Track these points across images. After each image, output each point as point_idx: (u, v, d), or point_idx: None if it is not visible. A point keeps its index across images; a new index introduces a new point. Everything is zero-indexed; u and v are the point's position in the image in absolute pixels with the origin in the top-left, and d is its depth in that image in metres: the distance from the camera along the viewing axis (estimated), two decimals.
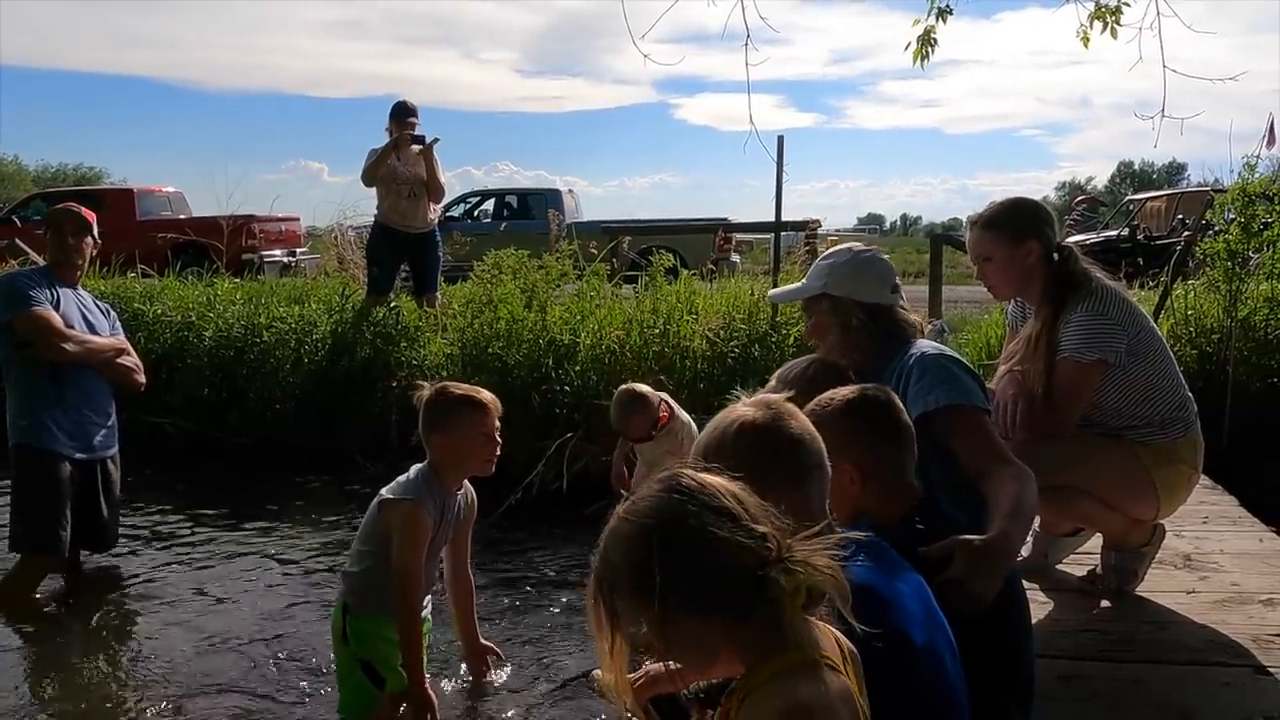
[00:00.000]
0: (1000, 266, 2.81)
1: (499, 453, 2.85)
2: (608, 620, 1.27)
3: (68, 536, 3.90)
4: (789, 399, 1.73)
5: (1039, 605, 2.78)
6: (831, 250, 2.62)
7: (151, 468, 6.20)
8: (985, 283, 2.90)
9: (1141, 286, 7.22)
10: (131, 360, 4.15)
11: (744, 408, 1.66)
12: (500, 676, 3.24)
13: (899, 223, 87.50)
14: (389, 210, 7.01)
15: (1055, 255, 2.78)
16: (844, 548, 1.33)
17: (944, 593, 1.71)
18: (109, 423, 4.10)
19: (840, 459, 1.85)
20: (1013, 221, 2.79)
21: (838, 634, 1.33)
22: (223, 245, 9.65)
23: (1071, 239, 6.01)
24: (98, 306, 4.20)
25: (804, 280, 2.65)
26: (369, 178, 6.96)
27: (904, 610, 1.55)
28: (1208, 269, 5.70)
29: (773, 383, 2.37)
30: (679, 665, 1.36)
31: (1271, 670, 2.42)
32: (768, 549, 1.22)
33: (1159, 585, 2.99)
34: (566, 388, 5.50)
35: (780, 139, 5.94)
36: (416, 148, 6.98)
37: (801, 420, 1.66)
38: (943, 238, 8.35)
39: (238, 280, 8.52)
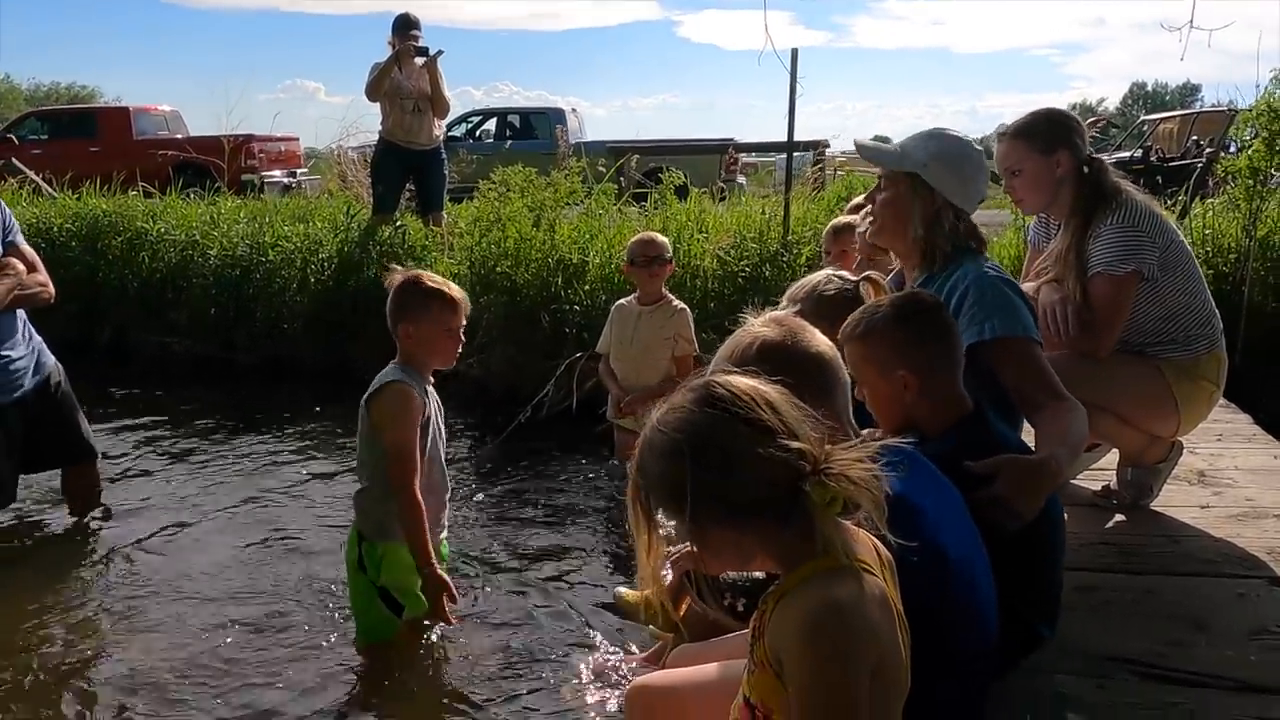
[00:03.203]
0: (1030, 178, 2.75)
1: (460, 351, 2.79)
2: (645, 523, 1.30)
3: (12, 482, 3.72)
4: (796, 314, 1.70)
5: None
6: (942, 131, 2.35)
7: (157, 386, 6.24)
8: (1014, 196, 2.84)
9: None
10: (40, 277, 3.63)
11: (759, 327, 1.61)
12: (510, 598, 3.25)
13: None
14: (393, 126, 6.89)
15: (1085, 168, 2.72)
16: (880, 456, 1.31)
17: (986, 507, 1.69)
18: (27, 350, 3.69)
19: (896, 366, 1.82)
20: (1043, 131, 2.72)
21: (875, 541, 1.33)
22: (223, 164, 9.55)
23: None
24: None
25: (899, 147, 2.38)
26: (372, 92, 6.83)
27: (935, 521, 1.53)
28: (1228, 187, 5.59)
29: (784, 301, 2.32)
30: (715, 565, 1.37)
31: None
32: (802, 463, 1.21)
33: (1173, 500, 3.00)
34: (576, 307, 5.48)
35: (794, 51, 5.74)
36: (420, 61, 6.81)
37: (817, 334, 1.62)
38: None
39: (240, 200, 8.42)
